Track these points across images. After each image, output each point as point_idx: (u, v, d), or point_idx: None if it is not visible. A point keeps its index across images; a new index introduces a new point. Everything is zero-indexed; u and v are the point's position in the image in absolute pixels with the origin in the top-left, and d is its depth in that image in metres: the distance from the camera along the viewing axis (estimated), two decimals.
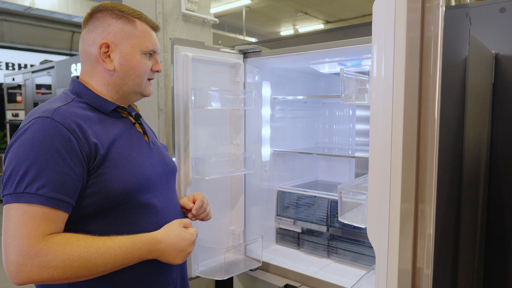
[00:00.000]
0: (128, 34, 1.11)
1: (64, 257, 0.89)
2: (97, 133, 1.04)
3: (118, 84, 1.14)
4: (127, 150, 1.09)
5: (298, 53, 1.73)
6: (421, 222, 0.88)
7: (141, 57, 1.14)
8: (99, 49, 1.09)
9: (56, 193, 0.92)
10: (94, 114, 1.08)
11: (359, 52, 1.64)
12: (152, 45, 1.17)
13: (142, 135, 1.20)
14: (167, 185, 1.23)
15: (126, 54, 1.11)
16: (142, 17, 1.15)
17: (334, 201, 1.95)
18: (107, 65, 1.10)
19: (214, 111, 1.86)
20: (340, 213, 1.01)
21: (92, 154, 1.00)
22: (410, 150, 0.85)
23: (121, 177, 1.04)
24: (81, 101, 1.09)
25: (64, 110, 1.01)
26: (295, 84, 2.31)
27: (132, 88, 1.16)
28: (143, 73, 1.16)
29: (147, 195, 1.11)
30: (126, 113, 1.19)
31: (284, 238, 2.19)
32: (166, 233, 1.07)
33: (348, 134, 2.46)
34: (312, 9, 8.30)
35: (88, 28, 1.12)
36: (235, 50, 1.91)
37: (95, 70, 1.13)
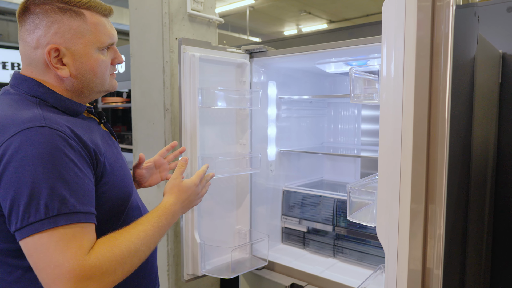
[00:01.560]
0: (78, 31, 0.94)
1: (118, 260, 0.84)
2: (88, 138, 0.93)
3: (78, 88, 0.99)
4: (112, 154, 1.01)
5: (304, 53, 1.73)
6: (431, 222, 0.88)
7: (98, 55, 0.99)
8: (48, 55, 0.92)
9: (88, 207, 0.85)
10: (70, 118, 0.95)
11: (365, 52, 1.64)
12: (108, 38, 1.00)
13: (109, 134, 1.11)
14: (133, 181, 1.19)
15: (81, 56, 0.95)
16: (91, 5, 0.97)
17: (340, 200, 1.95)
18: (61, 71, 0.94)
19: (221, 111, 1.86)
20: (349, 212, 1.01)
21: (94, 161, 0.91)
22: (420, 150, 0.85)
23: (122, 182, 1.00)
24: (48, 105, 0.94)
25: (50, 116, 0.88)
26: (300, 83, 2.31)
27: (94, 89, 1.02)
28: (104, 72, 1.01)
29: (134, 197, 1.10)
30: (86, 112, 1.08)
31: (289, 237, 2.19)
32: (174, 193, 1.10)
33: (354, 133, 2.46)
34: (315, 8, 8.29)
35: (26, 27, 0.93)
36: (242, 50, 1.91)
37: (47, 76, 0.96)
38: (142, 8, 2.29)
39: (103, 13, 1.00)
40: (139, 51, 2.33)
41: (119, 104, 4.81)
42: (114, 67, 1.08)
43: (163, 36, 2.14)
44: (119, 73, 3.57)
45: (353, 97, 1.00)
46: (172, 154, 1.48)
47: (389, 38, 0.88)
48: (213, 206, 1.87)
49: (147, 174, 1.38)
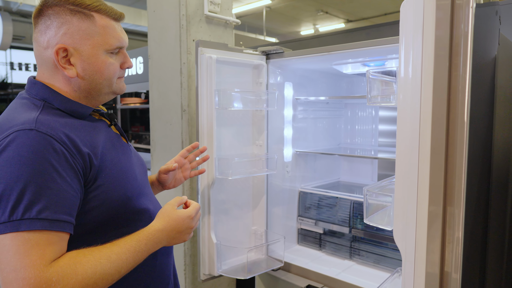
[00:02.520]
0: (87, 33, 0.96)
1: (78, 278, 0.80)
2: (86, 141, 0.93)
3: (86, 89, 1.00)
4: (115, 156, 1.01)
5: (321, 54, 1.73)
6: (449, 225, 0.86)
7: (106, 58, 1.00)
8: (56, 55, 0.94)
9: (60, 214, 0.83)
10: (74, 121, 0.96)
11: (383, 53, 1.63)
12: (117, 41, 1.01)
13: (119, 137, 1.11)
14: (147, 184, 1.17)
15: (88, 56, 0.97)
16: (101, 9, 0.99)
17: (357, 202, 1.93)
18: (68, 71, 0.96)
19: (237, 112, 1.87)
20: (365, 215, 1.01)
21: (87, 165, 0.90)
22: (438, 152, 0.83)
23: (120, 185, 0.98)
24: (53, 107, 0.96)
25: (46, 119, 0.89)
26: (317, 84, 2.30)
27: (102, 90, 1.03)
28: (111, 74, 1.02)
29: (140, 200, 1.06)
30: (97, 115, 1.08)
31: (305, 238, 2.18)
32: (163, 220, 1.00)
33: (371, 134, 2.44)
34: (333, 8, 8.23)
35: (39, 28, 0.96)
36: (258, 52, 1.92)
37: (56, 77, 0.99)
38: (160, 10, 2.32)
39: (113, 17, 1.02)
40: (157, 52, 2.36)
41: (138, 105, 4.89)
42: (123, 71, 1.09)
43: (180, 38, 2.17)
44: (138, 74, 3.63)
45: (370, 99, 0.99)
46: (193, 153, 1.49)
47: (407, 38, 0.87)
48: (229, 206, 1.88)
49: (170, 176, 1.40)
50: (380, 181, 1.16)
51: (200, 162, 1.52)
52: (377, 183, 1.11)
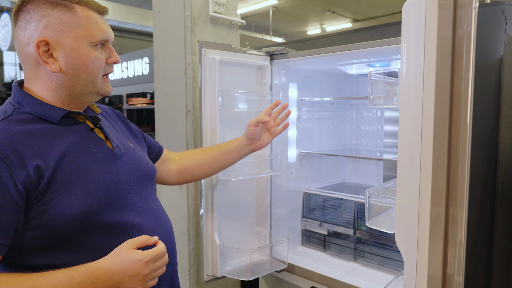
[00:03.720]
0: (68, 24, 0.91)
1: None
2: (40, 151, 0.87)
3: (68, 86, 0.95)
4: (81, 165, 0.93)
5: (325, 55, 1.72)
6: (452, 226, 0.85)
7: (90, 51, 0.95)
8: (37, 48, 0.90)
9: None
10: (39, 126, 0.92)
11: (388, 53, 1.61)
12: (101, 33, 0.96)
13: (103, 141, 1.02)
14: (142, 194, 1.07)
15: (71, 49, 0.92)
16: (83, 0, 0.95)
17: (362, 204, 1.92)
18: (50, 66, 0.92)
19: (241, 113, 1.87)
20: (367, 218, 1.00)
21: (33, 180, 0.84)
22: (440, 153, 0.82)
23: (75, 199, 0.88)
24: (24, 112, 0.92)
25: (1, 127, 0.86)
26: (321, 85, 2.29)
27: (85, 88, 0.97)
28: (96, 69, 0.97)
29: (114, 213, 0.96)
30: (82, 117, 1.02)
31: (310, 240, 2.17)
32: (112, 259, 0.87)
33: (377, 135, 2.42)
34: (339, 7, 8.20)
35: (19, 24, 0.92)
36: (262, 52, 1.91)
37: (38, 74, 0.94)
38: (165, 11, 2.33)
39: (96, 9, 0.98)
40: (162, 53, 2.37)
41: (144, 105, 4.92)
42: (110, 67, 1.03)
43: (185, 39, 2.17)
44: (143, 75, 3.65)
45: (372, 100, 0.98)
46: (276, 111, 1.53)
47: (409, 39, 0.86)
48: (233, 207, 1.88)
49: (259, 132, 1.44)
50: (384, 183, 1.15)
51: (284, 117, 1.54)
52: (381, 185, 1.09)
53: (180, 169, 1.43)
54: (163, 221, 1.12)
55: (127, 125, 1.26)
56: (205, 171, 1.46)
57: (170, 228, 1.16)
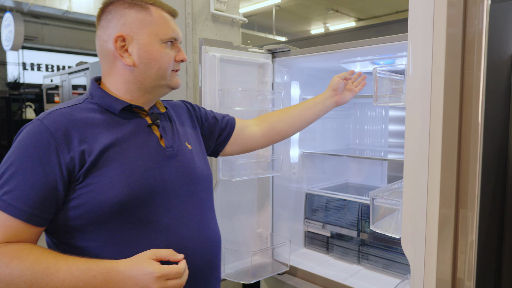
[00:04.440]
0: (143, 22, 1.02)
1: (6, 271, 0.81)
2: (91, 137, 0.95)
3: (139, 79, 1.04)
4: (127, 157, 0.98)
5: (328, 52, 1.67)
6: (462, 228, 0.81)
7: (161, 47, 1.04)
8: (115, 43, 1.00)
9: (19, 202, 0.86)
10: (101, 116, 1.00)
11: (393, 50, 1.57)
12: (171, 32, 1.06)
13: (157, 139, 1.06)
14: (187, 198, 1.08)
15: (145, 44, 1.02)
16: (157, 2, 1.06)
17: (365, 205, 1.88)
18: (125, 60, 1.01)
19: (242, 112, 1.83)
20: (371, 221, 0.95)
21: (75, 163, 0.91)
22: (450, 153, 0.78)
23: (112, 187, 0.93)
24: (92, 102, 1.03)
25: (60, 113, 0.95)
26: (324, 83, 2.24)
27: (155, 81, 1.05)
28: (166, 64, 1.05)
29: (150, 209, 0.98)
30: (144, 113, 1.09)
31: (312, 242, 2.13)
32: (129, 264, 0.88)
33: (381, 135, 2.37)
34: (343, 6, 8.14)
35: (101, 24, 1.03)
36: (264, 50, 1.87)
37: (114, 69, 1.04)
38: None
39: (168, 11, 1.08)
40: None
41: None
42: (178, 64, 1.11)
43: (186, 37, 2.13)
44: None
45: (377, 98, 0.93)
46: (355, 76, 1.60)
47: (416, 35, 0.81)
48: (233, 209, 1.84)
49: (343, 85, 1.54)
50: (389, 184, 1.11)
51: (361, 81, 1.60)
52: (386, 187, 1.05)
53: (266, 129, 1.49)
54: (205, 232, 1.10)
55: (193, 122, 1.28)
56: (291, 127, 1.52)
57: (213, 241, 1.13)
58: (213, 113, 1.40)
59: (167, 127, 1.13)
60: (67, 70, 5.49)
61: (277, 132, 1.50)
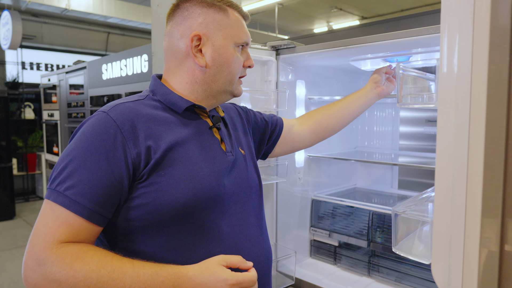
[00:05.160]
0: (220, 24, 0.99)
1: (69, 273, 0.76)
2: (156, 134, 0.90)
3: (207, 82, 1.00)
4: (191, 158, 0.93)
5: (337, 49, 1.54)
6: (508, 255, 0.68)
7: (234, 50, 1.01)
8: (191, 42, 0.97)
9: (83, 198, 0.80)
10: (164, 114, 0.95)
11: (407, 46, 1.44)
12: (245, 36, 1.04)
13: (218, 142, 1.03)
14: (243, 205, 1.03)
15: (219, 47, 0.99)
16: (234, 5, 1.03)
17: (376, 213, 1.74)
18: (198, 60, 0.98)
19: None
20: (394, 242, 0.82)
21: (141, 159, 0.86)
22: (495, 162, 0.65)
23: (177, 188, 0.88)
24: (155, 99, 0.99)
25: (125, 106, 0.91)
26: (331, 83, 2.12)
27: (222, 86, 1.02)
28: (236, 69, 1.03)
29: (210, 215, 0.93)
30: (205, 115, 1.05)
31: (319, 251, 2.00)
32: (199, 270, 0.83)
33: (391, 137, 2.24)
34: (347, 4, 7.99)
35: (175, 20, 1.00)
36: (267, 47, 1.75)
37: (182, 67, 1.00)
38: (164, 5, 2.16)
39: (243, 15, 1.06)
40: (161, 49, 2.20)
41: None
42: (244, 70, 1.09)
43: None
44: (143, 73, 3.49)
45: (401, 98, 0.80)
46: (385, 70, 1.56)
47: (452, 26, 0.68)
48: None
49: (384, 78, 1.53)
50: (413, 197, 0.97)
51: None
52: (409, 201, 0.92)
53: (313, 126, 1.45)
54: (261, 244, 1.06)
55: (244, 127, 1.23)
56: (338, 122, 1.49)
57: (269, 254, 1.09)
58: (261, 115, 1.35)
59: (224, 131, 1.09)
60: (64, 69, 5.36)
61: (324, 129, 1.47)
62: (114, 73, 3.97)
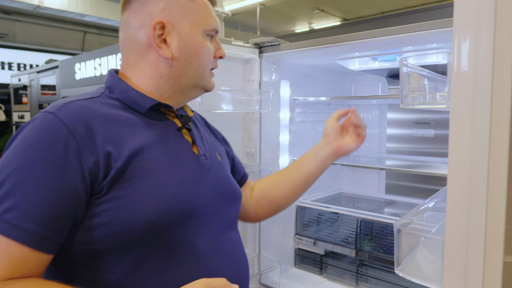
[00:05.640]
0: (186, 9, 0.85)
1: None
2: (116, 138, 0.76)
3: (175, 76, 0.87)
4: (160, 165, 0.79)
5: (324, 46, 1.45)
6: None
7: (203, 39, 0.88)
8: (153, 31, 0.83)
9: (27, 221, 0.64)
10: (124, 114, 0.82)
11: (399, 44, 1.36)
12: (214, 22, 0.90)
13: (189, 145, 0.89)
14: (221, 217, 0.90)
15: (186, 35, 0.86)
16: None
17: (365, 220, 1.65)
18: (163, 51, 0.84)
19: (224, 115, 1.58)
20: (396, 263, 0.72)
21: (100, 169, 0.72)
22: None
23: (144, 203, 0.74)
24: (112, 97, 0.85)
25: (77, 105, 0.76)
26: (317, 83, 2.03)
27: (192, 80, 0.89)
28: (207, 60, 0.90)
29: (183, 232, 0.79)
30: (173, 115, 0.91)
31: (304, 260, 1.90)
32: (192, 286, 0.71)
33: (378, 139, 2.16)
34: (329, 6, 7.98)
35: (132, 7, 0.86)
36: (250, 44, 1.64)
37: (144, 60, 0.86)
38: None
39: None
40: None
41: None
42: (215, 62, 0.96)
43: None
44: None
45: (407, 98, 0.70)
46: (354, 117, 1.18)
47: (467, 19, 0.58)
48: None
49: (339, 129, 1.15)
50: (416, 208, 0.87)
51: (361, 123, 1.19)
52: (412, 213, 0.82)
53: (259, 196, 1.16)
54: (238, 261, 0.92)
55: (215, 136, 1.10)
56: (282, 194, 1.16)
57: (244, 270, 0.95)
58: (230, 148, 1.16)
59: (196, 133, 0.95)
60: (35, 69, 5.12)
61: (268, 202, 1.16)
62: (87, 73, 3.78)
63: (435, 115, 1.90)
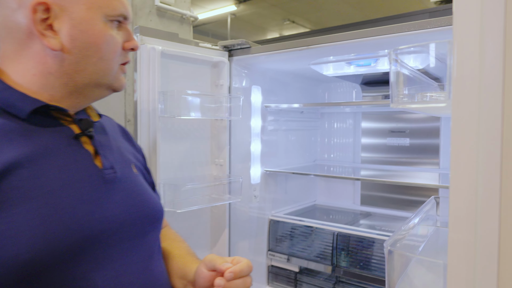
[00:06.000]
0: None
1: None
2: None
3: (68, 72, 0.68)
4: (44, 185, 0.62)
5: (298, 49, 1.36)
6: None
7: (105, 27, 0.69)
8: (32, 14, 0.64)
9: None
10: (1, 121, 0.63)
11: (376, 47, 1.29)
12: (121, 6, 0.71)
13: (90, 156, 0.70)
14: (133, 243, 0.71)
15: (81, 21, 0.67)
16: None
17: (341, 234, 1.56)
18: (48, 41, 0.65)
19: (191, 122, 1.46)
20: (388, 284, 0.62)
21: None
22: None
23: (21, 237, 0.57)
24: None
25: None
26: (289, 90, 1.94)
27: (93, 78, 0.70)
28: (111, 52, 0.71)
29: (78, 268, 0.62)
30: (69, 119, 0.72)
31: (277, 278, 1.78)
32: None
33: (352, 149, 2.10)
34: (299, 17, 8.05)
35: None
36: (218, 46, 1.53)
37: (25, 52, 0.67)
38: None
39: None
40: None
41: None
42: (127, 55, 0.76)
43: None
44: None
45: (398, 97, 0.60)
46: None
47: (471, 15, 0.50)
48: None
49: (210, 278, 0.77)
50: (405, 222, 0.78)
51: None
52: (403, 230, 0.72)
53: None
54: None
55: (135, 147, 0.90)
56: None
57: None
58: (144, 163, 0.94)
59: (103, 141, 0.75)
60: None
61: None
62: None
63: (410, 124, 1.85)
